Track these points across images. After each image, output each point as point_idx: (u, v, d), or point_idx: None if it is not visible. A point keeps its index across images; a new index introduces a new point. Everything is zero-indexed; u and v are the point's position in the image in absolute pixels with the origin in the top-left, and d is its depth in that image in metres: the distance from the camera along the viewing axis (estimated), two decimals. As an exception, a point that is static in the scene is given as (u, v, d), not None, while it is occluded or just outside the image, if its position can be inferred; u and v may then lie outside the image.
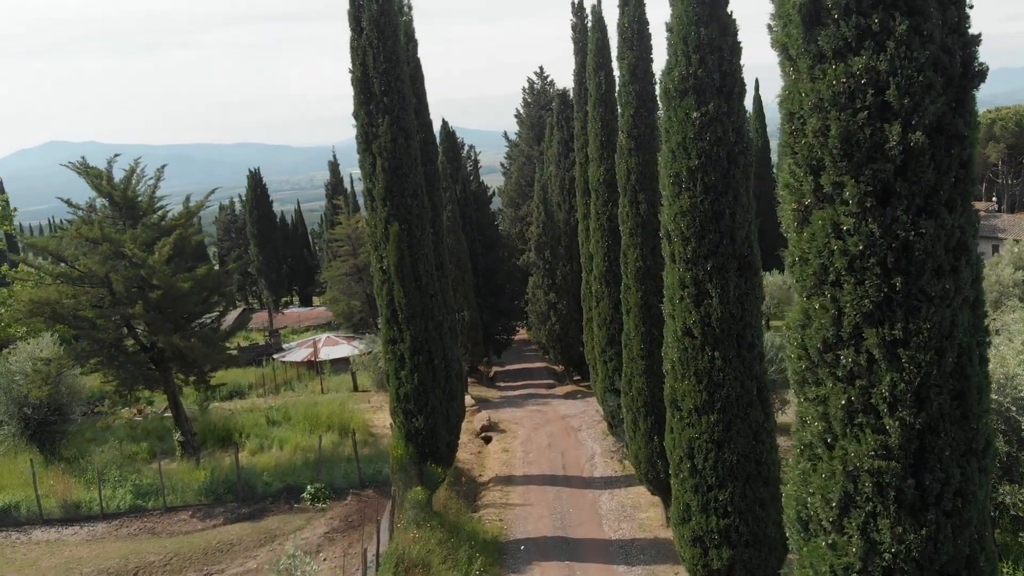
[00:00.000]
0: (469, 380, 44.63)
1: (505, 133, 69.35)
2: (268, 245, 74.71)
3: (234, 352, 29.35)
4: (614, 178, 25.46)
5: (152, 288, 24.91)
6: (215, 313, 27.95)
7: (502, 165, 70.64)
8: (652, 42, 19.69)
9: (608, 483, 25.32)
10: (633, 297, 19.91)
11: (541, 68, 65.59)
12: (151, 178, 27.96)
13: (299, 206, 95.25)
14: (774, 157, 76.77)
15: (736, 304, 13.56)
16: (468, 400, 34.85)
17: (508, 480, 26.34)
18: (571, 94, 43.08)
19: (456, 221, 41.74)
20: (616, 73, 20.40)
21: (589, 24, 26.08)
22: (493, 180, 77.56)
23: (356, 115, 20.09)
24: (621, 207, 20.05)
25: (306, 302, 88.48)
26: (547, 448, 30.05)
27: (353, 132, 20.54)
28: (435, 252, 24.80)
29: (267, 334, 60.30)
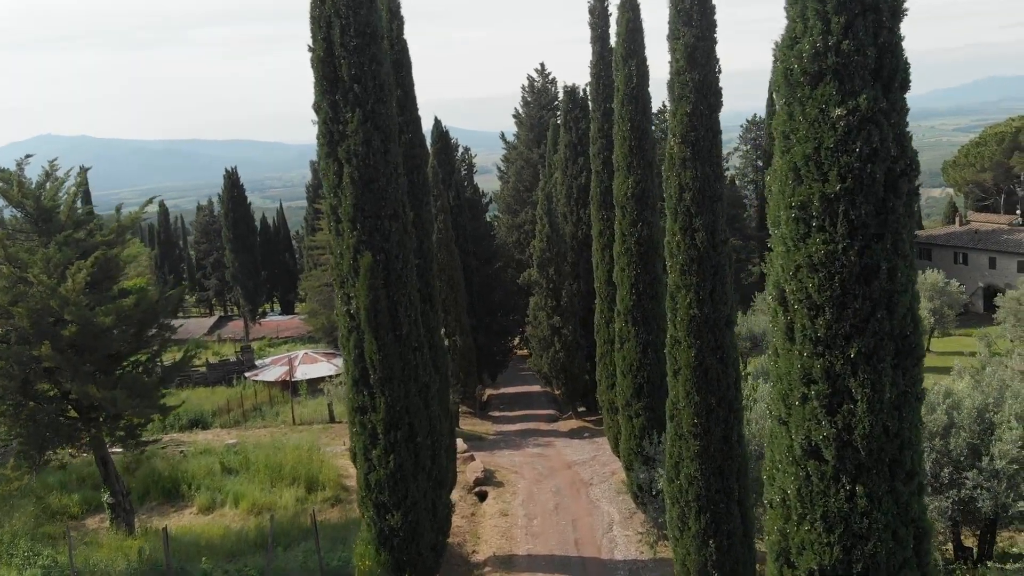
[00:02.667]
0: (461, 410, 39.62)
1: (502, 134, 64.33)
2: (245, 250, 69.49)
3: (171, 402, 24.23)
4: (645, 192, 20.57)
5: (65, 323, 19.83)
6: (153, 348, 22.82)
7: (499, 169, 65.61)
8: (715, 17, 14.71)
9: (634, 572, 20.30)
10: (684, 355, 14.92)
11: (542, 65, 60.63)
12: (73, 182, 22.87)
13: (281, 207, 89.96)
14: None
15: (891, 413, 8.57)
16: (460, 444, 29.83)
17: (508, 562, 21.28)
18: (581, 91, 38.20)
19: (448, 233, 36.69)
20: (668, 63, 15.34)
21: (616, 1, 21.07)
22: (489, 182, 72.59)
23: (316, 107, 15.04)
24: (670, 235, 15.03)
25: (288, 309, 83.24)
26: (554, 512, 25.02)
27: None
28: (423, 283, 19.82)
29: (238, 350, 55.05)
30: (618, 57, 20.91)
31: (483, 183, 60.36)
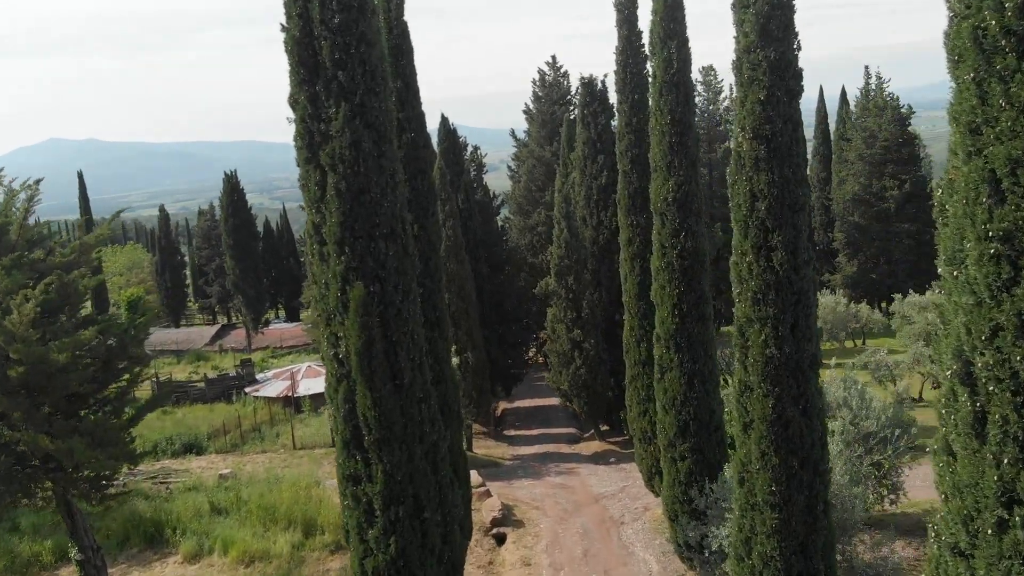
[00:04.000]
0: (474, 430, 36.62)
1: (512, 131, 61.23)
2: (246, 257, 66.64)
3: (168, 425, 21.29)
4: (689, 197, 17.50)
5: (12, 362, 16.93)
6: (122, 383, 19.87)
7: (509, 168, 62.51)
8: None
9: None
10: (758, 405, 11.86)
11: (554, 58, 57.51)
12: (34, 197, 19.93)
13: (284, 210, 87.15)
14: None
15: None
16: (474, 478, 26.83)
17: (534, 629, 18.32)
18: (600, 83, 35.15)
19: (457, 240, 33.68)
20: (734, 38, 12.24)
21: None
22: (498, 179, 69.62)
23: (292, 101, 12.04)
24: (738, 254, 11.97)
25: (293, 316, 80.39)
26: (583, 560, 21.99)
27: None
28: (430, 306, 16.84)
29: (237, 364, 52.23)
30: (655, 39, 17.83)
31: (492, 181, 57.46)
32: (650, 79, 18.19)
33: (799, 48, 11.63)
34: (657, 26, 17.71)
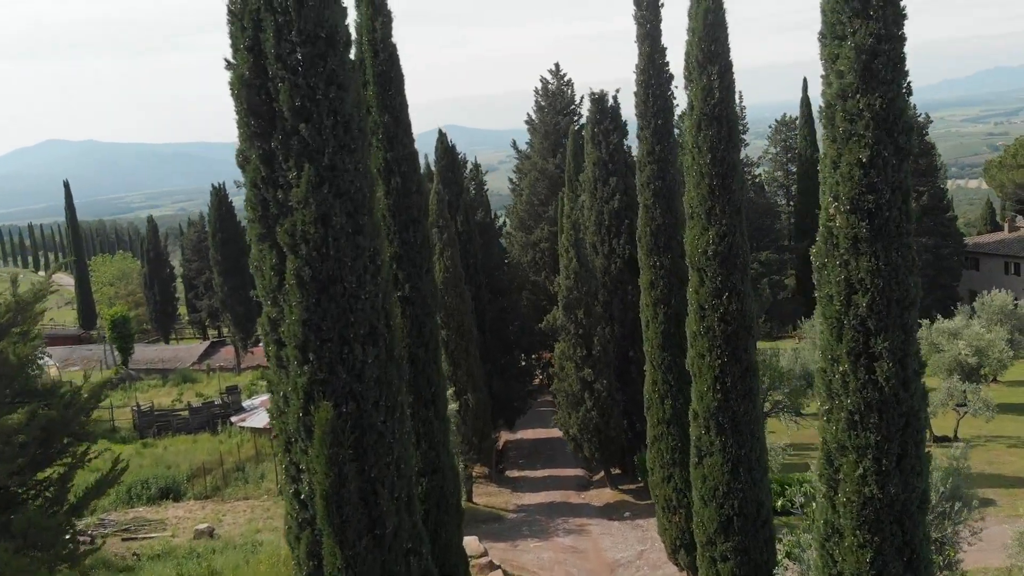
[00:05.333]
0: (474, 474, 33.72)
1: (514, 142, 58.40)
2: (235, 273, 63.69)
3: (89, 543, 18.48)
4: (733, 250, 14.66)
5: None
6: (65, 463, 16.97)
7: (511, 180, 59.64)
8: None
9: None
10: (851, 557, 9.02)
11: (557, 66, 54.66)
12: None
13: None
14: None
15: None
16: (474, 546, 23.98)
17: None
18: (611, 98, 32.28)
19: (456, 272, 30.81)
20: (822, 78, 9.39)
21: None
22: (496, 180, 67.21)
23: (241, 160, 9.16)
24: (829, 361, 9.13)
25: (285, 331, 77.43)
26: (601, 655, 19.14)
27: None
28: (424, 381, 14.03)
29: (223, 391, 49.32)
30: (691, 63, 14.97)
31: (494, 181, 54.92)
32: (686, 109, 15.31)
33: (910, 92, 8.79)
34: (694, 48, 14.86)
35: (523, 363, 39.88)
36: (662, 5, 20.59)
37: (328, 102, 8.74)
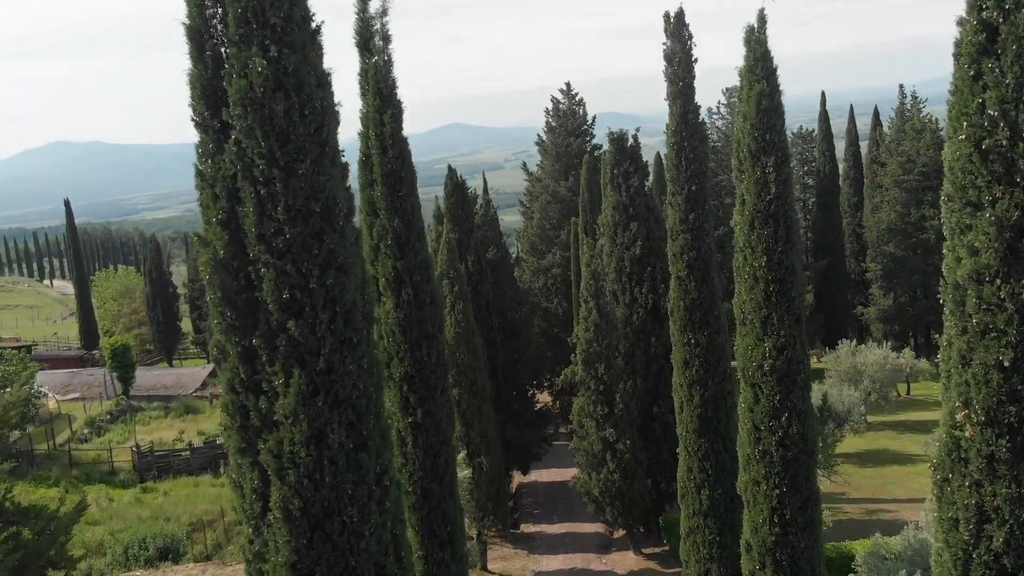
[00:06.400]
0: (487, 537, 31.71)
1: (524, 164, 56.66)
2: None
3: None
4: (793, 365, 12.82)
5: None
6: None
7: (521, 203, 57.91)
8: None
9: None
10: None
11: (568, 85, 52.83)
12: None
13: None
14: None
15: None
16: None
17: None
18: (630, 137, 30.45)
19: (468, 326, 28.95)
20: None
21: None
22: (506, 178, 65.57)
23: (218, 353, 7.34)
24: (951, 563, 7.24)
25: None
26: None
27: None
28: (442, 518, 12.21)
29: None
30: (743, 152, 13.10)
31: (500, 179, 53.24)
32: (736, 202, 13.41)
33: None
34: (746, 136, 12.98)
35: (536, 412, 37.91)
36: (695, 60, 18.70)
37: (324, 291, 6.91)
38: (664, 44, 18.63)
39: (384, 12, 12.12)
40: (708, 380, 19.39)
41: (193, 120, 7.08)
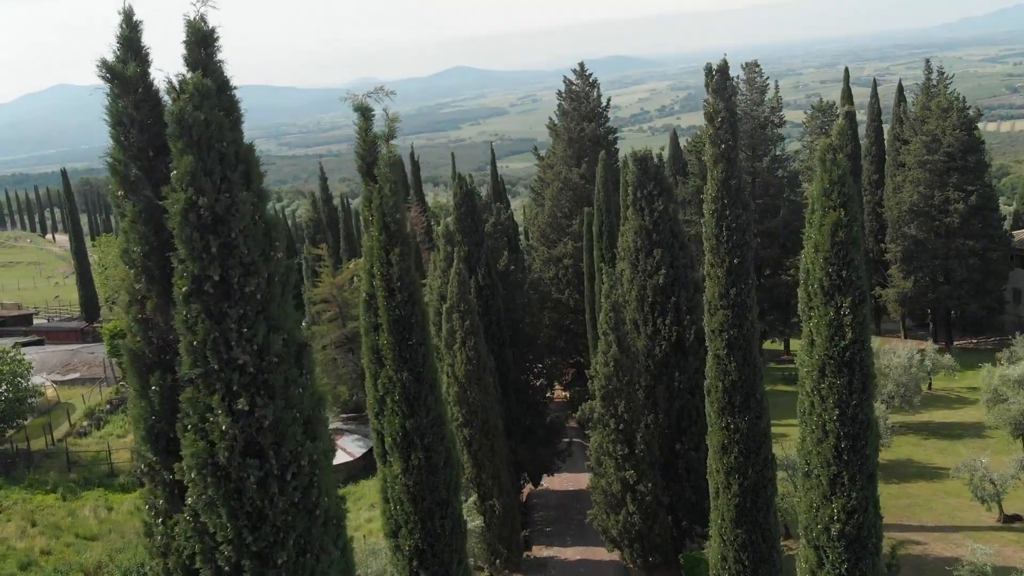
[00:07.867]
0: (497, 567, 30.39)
1: (535, 149, 54.22)
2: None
3: None
4: (863, 531, 11.20)
5: None
6: None
7: (532, 190, 55.72)
8: None
9: None
10: None
11: (581, 65, 50.28)
12: None
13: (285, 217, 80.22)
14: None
15: None
16: None
17: None
18: (655, 157, 28.29)
19: (480, 362, 27.24)
20: None
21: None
22: (511, 124, 63.45)
23: None
24: None
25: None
26: None
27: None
28: None
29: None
30: (812, 287, 11.15)
31: (502, 124, 51.28)
32: (804, 343, 11.49)
33: None
34: (818, 269, 11.02)
35: (549, 428, 36.34)
36: (739, 118, 16.54)
37: None
38: (705, 101, 16.51)
39: (391, 135, 10.09)
40: (748, 468, 17.72)
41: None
